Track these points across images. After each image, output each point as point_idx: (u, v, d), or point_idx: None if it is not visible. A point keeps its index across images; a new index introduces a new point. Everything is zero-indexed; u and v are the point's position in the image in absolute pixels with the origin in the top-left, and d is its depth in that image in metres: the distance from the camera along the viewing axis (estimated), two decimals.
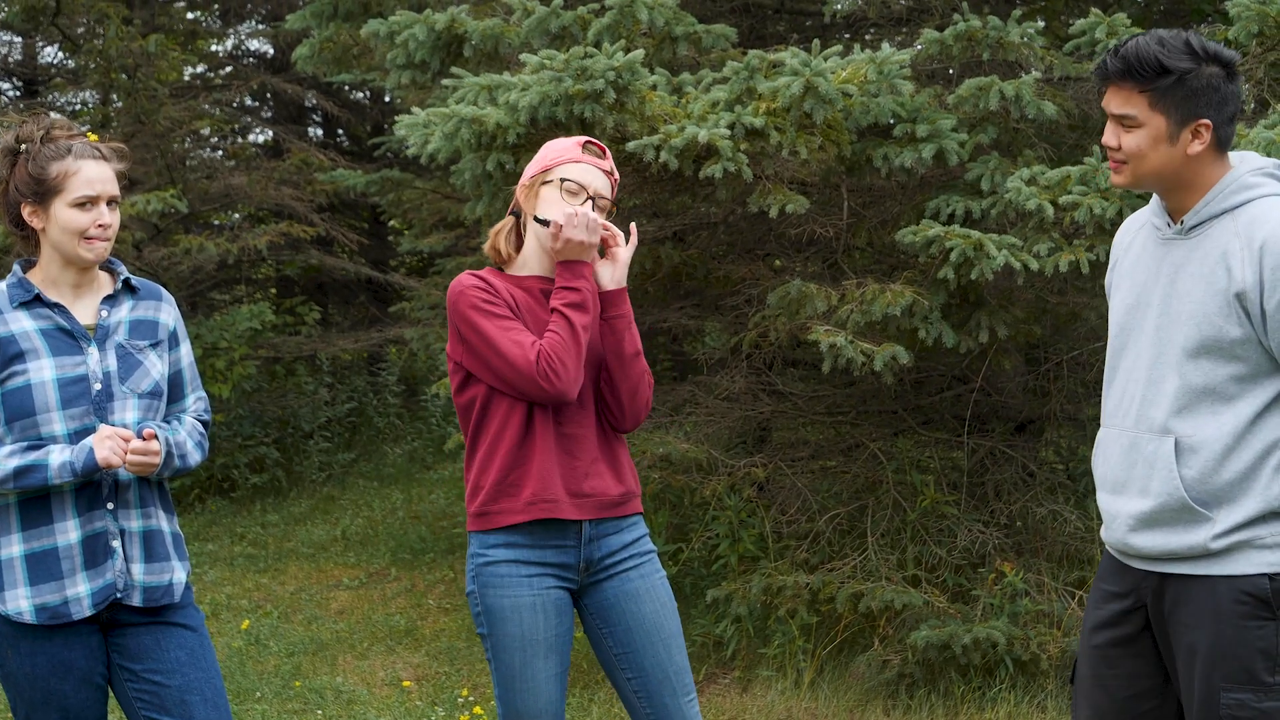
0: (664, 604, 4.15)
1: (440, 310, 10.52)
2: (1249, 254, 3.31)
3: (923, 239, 6.09)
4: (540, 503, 4.01)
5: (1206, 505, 3.37)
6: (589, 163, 4.09)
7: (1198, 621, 3.40)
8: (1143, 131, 3.38)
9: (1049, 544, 6.99)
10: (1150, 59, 3.33)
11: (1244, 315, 3.32)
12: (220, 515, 11.40)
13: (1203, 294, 3.37)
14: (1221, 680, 3.36)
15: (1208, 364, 3.37)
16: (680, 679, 4.14)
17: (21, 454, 3.74)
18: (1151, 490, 3.44)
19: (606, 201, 4.10)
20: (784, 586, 6.81)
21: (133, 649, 3.93)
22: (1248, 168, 3.43)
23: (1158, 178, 3.43)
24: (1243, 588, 3.36)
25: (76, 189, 3.82)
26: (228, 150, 14.25)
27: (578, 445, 4.05)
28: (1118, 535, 3.55)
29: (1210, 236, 3.40)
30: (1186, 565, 3.42)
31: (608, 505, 4.09)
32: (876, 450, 7.38)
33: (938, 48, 6.45)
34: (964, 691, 6.47)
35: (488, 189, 6.68)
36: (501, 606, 4.05)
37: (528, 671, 4.04)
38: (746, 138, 6.09)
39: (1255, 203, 3.38)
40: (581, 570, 4.09)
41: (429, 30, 7.04)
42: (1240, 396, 3.36)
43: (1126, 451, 3.51)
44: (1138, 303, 3.54)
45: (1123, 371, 3.57)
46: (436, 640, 7.98)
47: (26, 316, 3.83)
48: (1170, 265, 3.46)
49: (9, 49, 14.32)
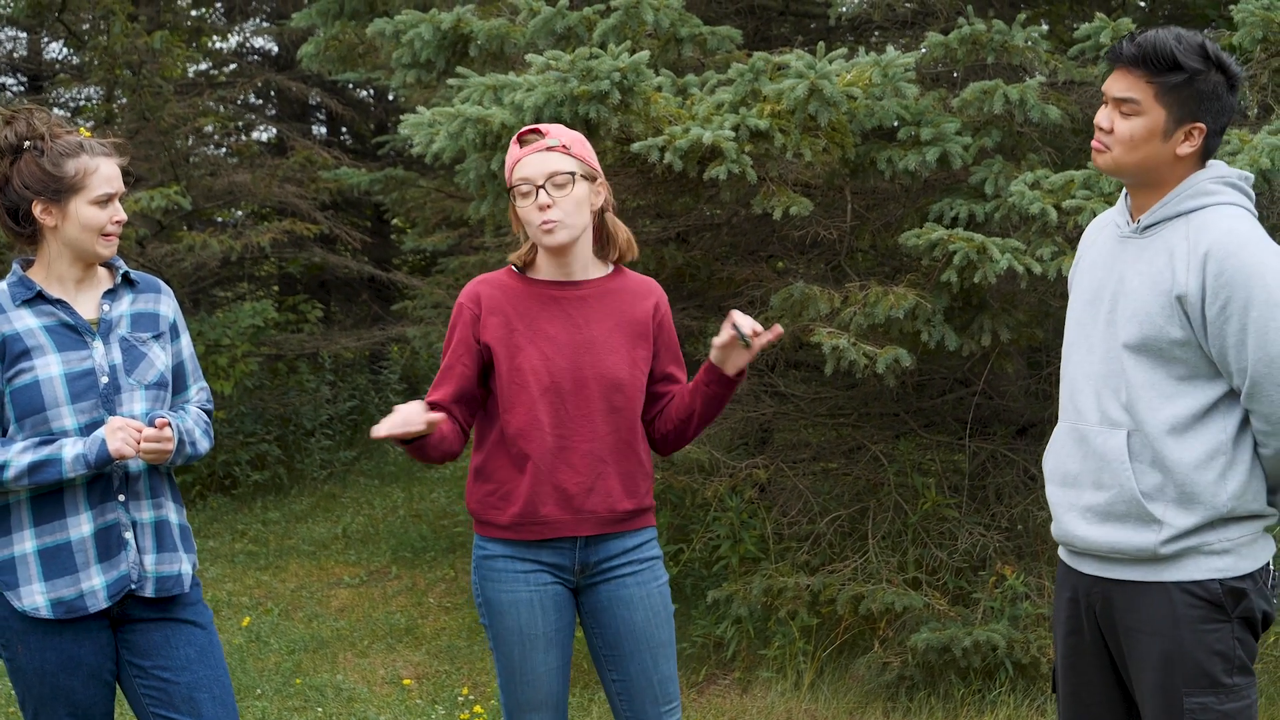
0: (656, 613, 4.13)
1: (442, 309, 10.53)
2: (1194, 259, 3.35)
3: (926, 242, 6.09)
4: (526, 525, 4.03)
5: (1155, 503, 3.41)
6: (526, 154, 4.02)
7: (1152, 627, 3.44)
8: (1140, 120, 3.41)
9: (1049, 548, 6.99)
10: (1166, 52, 3.36)
11: (1184, 318, 3.37)
12: (221, 512, 11.40)
13: (1148, 293, 3.42)
14: (1182, 684, 3.40)
15: (1148, 361, 3.42)
16: (664, 688, 4.14)
17: (34, 449, 3.77)
18: (1104, 483, 3.48)
19: (564, 175, 3.98)
20: (785, 588, 6.82)
21: (142, 645, 3.95)
22: (1209, 175, 3.46)
23: (1138, 169, 3.46)
24: (1195, 592, 3.40)
25: (97, 187, 3.87)
26: (231, 147, 14.24)
27: (583, 460, 4.02)
28: (1067, 527, 3.59)
29: (1162, 237, 3.45)
30: (1136, 570, 3.46)
31: (611, 521, 4.07)
32: (878, 452, 7.39)
33: (942, 51, 6.45)
34: (964, 694, 6.48)
35: (491, 189, 6.68)
36: (500, 600, 4.07)
37: (527, 665, 4.07)
38: (751, 140, 6.09)
39: (1208, 209, 3.42)
40: (577, 572, 4.10)
41: (434, 29, 7.04)
42: (1180, 395, 3.40)
43: (1078, 444, 3.55)
44: (1093, 299, 3.58)
45: (1073, 366, 3.61)
46: (437, 639, 7.98)
47: (30, 314, 3.86)
48: (1122, 263, 3.51)
49: (14, 44, 14.34)
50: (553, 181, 3.98)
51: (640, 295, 4.16)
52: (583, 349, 4.04)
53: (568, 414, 4.01)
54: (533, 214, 3.99)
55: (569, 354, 4.03)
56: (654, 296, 4.19)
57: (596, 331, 4.06)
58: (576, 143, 4.07)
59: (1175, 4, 7.91)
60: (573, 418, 4.01)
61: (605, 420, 4.04)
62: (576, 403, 4.02)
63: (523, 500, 4.02)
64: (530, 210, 3.99)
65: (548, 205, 3.97)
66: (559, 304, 4.07)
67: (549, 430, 4.00)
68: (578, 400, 4.02)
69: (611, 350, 4.06)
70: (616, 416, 4.05)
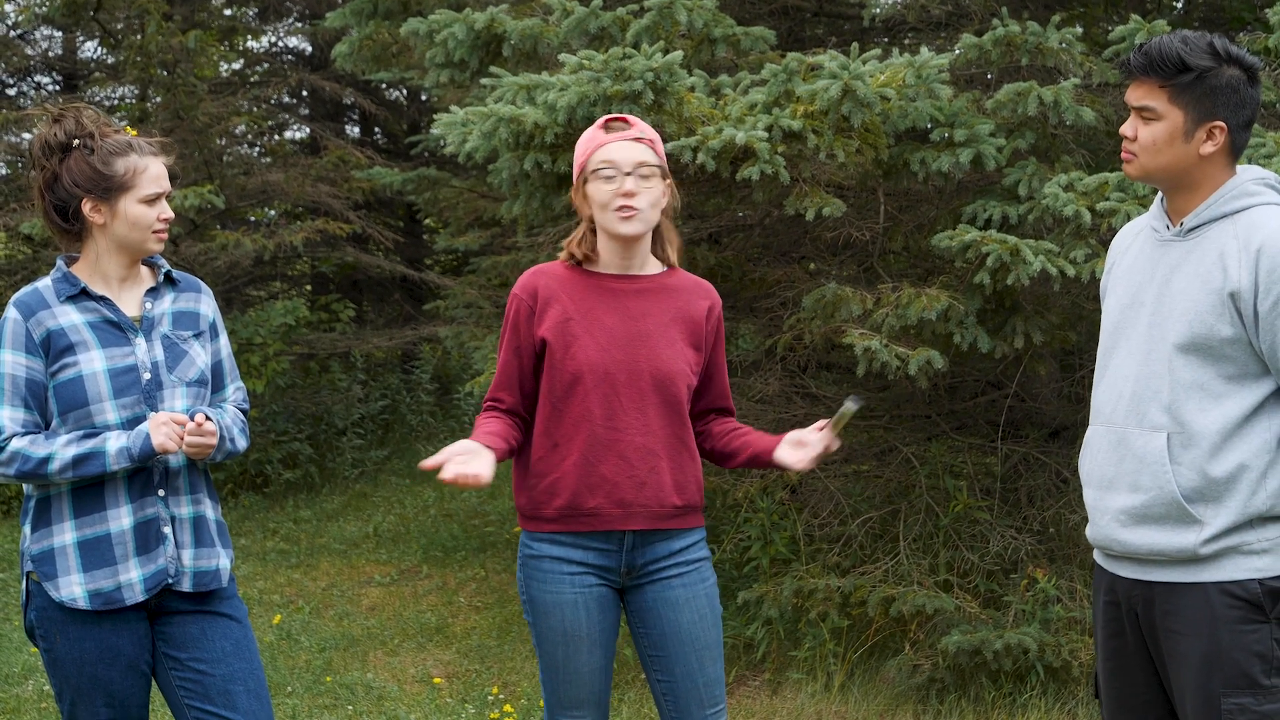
0: (703, 615, 4.11)
1: (473, 309, 10.54)
2: (1246, 256, 3.39)
3: (959, 243, 6.08)
4: (573, 517, 4.03)
5: (1195, 504, 3.42)
6: (614, 140, 4.04)
7: (1191, 628, 3.45)
8: (1160, 125, 3.47)
9: (1081, 551, 6.97)
10: (1172, 55, 3.43)
11: (1236, 315, 3.39)
12: (253, 510, 11.45)
13: (1197, 292, 3.44)
14: (1220, 686, 3.40)
15: (1197, 361, 3.43)
16: (709, 691, 4.12)
17: (79, 442, 3.81)
18: (1142, 485, 3.49)
19: (650, 168, 4.02)
20: (815, 590, 6.80)
21: (179, 638, 3.99)
22: (1249, 176, 3.52)
23: (1166, 173, 3.51)
24: (1234, 592, 3.41)
25: (146, 186, 3.93)
26: (265, 147, 14.30)
27: (635, 452, 4.01)
28: (1104, 531, 3.59)
29: (1208, 238, 3.47)
30: (1175, 572, 3.47)
31: (661, 516, 4.05)
32: (910, 455, 7.37)
33: (976, 52, 6.43)
34: (994, 697, 6.46)
35: (524, 188, 6.69)
36: (545, 601, 4.07)
37: (571, 665, 4.07)
38: (784, 140, 6.08)
39: (1255, 209, 3.46)
40: (623, 574, 4.09)
41: (468, 29, 7.05)
42: (1228, 395, 3.42)
43: (1115, 447, 3.56)
44: (1132, 302, 3.60)
45: (1112, 369, 3.63)
46: (467, 638, 8.00)
47: (74, 310, 3.91)
48: (1166, 266, 3.54)
49: (49, 44, 14.42)
50: (640, 172, 4.01)
51: (697, 295, 4.17)
52: (638, 341, 4.03)
53: (621, 406, 4.01)
54: (612, 198, 4.00)
55: (624, 346, 4.02)
56: (710, 299, 4.20)
57: (652, 325, 4.06)
58: (658, 141, 4.11)
59: (1210, 6, 7.88)
60: (626, 410, 4.01)
61: (659, 413, 4.04)
62: (631, 395, 4.01)
63: (570, 492, 4.02)
64: (609, 195, 4.00)
65: (633, 193, 3.99)
66: (616, 296, 4.07)
67: (600, 422, 4.00)
68: (632, 392, 4.01)
69: (668, 344, 4.06)
70: (670, 410, 4.05)
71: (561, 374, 4.03)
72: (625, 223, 4.00)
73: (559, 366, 4.03)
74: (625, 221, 4.00)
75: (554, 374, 4.04)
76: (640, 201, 4.00)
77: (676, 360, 4.06)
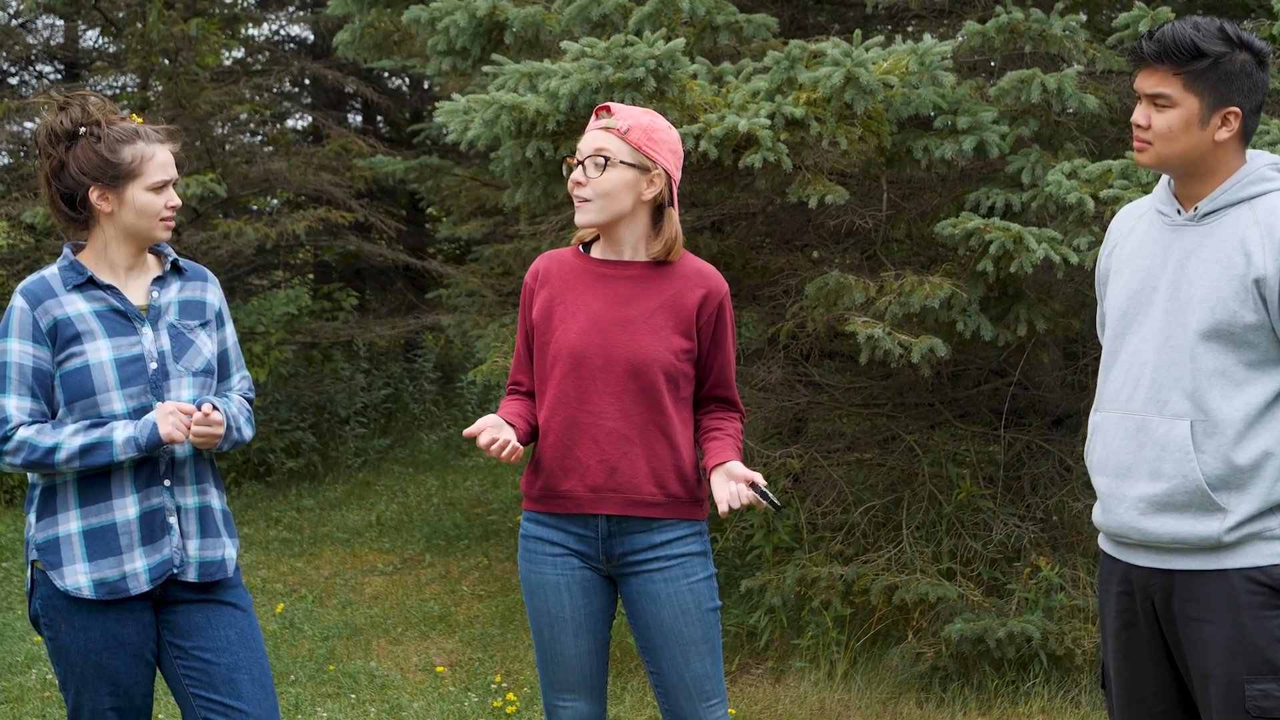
0: (685, 611, 4.07)
1: (476, 297, 10.54)
2: (1270, 243, 3.38)
3: (962, 231, 6.07)
4: (550, 497, 4.07)
5: (1219, 492, 3.41)
6: (590, 129, 4.06)
7: (1213, 615, 3.44)
8: (1175, 112, 3.46)
9: (1085, 539, 6.97)
10: (1186, 41, 3.42)
11: (1260, 301, 3.39)
12: (256, 499, 11.45)
13: (1217, 278, 3.43)
14: (1244, 672, 3.40)
15: (1219, 348, 3.43)
16: (699, 685, 4.08)
17: (85, 432, 3.82)
18: (1164, 473, 3.47)
19: (606, 156, 3.98)
20: (818, 578, 6.80)
21: (183, 626, 3.99)
22: (1264, 161, 3.51)
23: (1181, 160, 3.50)
24: (1257, 578, 3.40)
25: (154, 173, 3.92)
26: (267, 135, 14.28)
27: (608, 437, 4.00)
28: (1121, 519, 3.56)
29: (1225, 224, 3.47)
30: (1196, 559, 3.46)
31: (636, 504, 4.02)
32: (913, 443, 7.37)
33: (979, 40, 6.42)
34: (997, 685, 6.46)
35: (527, 176, 6.68)
36: (530, 581, 4.13)
37: (556, 646, 4.10)
38: (786, 128, 6.07)
39: (1272, 194, 3.47)
40: (603, 561, 4.09)
41: (470, 17, 7.04)
42: (1250, 382, 3.42)
43: (1133, 434, 3.54)
44: (1142, 287, 3.58)
45: (1125, 355, 3.60)
46: (470, 626, 8.00)
47: (81, 299, 3.91)
48: (1180, 250, 3.52)
49: (51, 32, 14.40)
50: (594, 160, 3.99)
51: (694, 283, 4.10)
52: (619, 327, 4.01)
53: (596, 390, 4.00)
54: (572, 186, 4.03)
55: (604, 330, 4.01)
56: (707, 287, 4.11)
57: (637, 310, 4.03)
58: (640, 130, 4.02)
59: None
60: (600, 394, 4.00)
61: (635, 400, 4.01)
62: (605, 379, 4.00)
63: (547, 473, 4.06)
64: (571, 183, 4.04)
65: (579, 183, 4.01)
66: (606, 281, 4.07)
67: (576, 405, 4.01)
68: (607, 377, 4.00)
69: (651, 330, 4.02)
70: (646, 397, 4.02)
71: (544, 356, 4.07)
72: (577, 211, 4.03)
73: (543, 349, 4.08)
74: (577, 210, 4.03)
75: (540, 356, 4.09)
76: (587, 191, 3.99)
77: (656, 347, 4.01)
